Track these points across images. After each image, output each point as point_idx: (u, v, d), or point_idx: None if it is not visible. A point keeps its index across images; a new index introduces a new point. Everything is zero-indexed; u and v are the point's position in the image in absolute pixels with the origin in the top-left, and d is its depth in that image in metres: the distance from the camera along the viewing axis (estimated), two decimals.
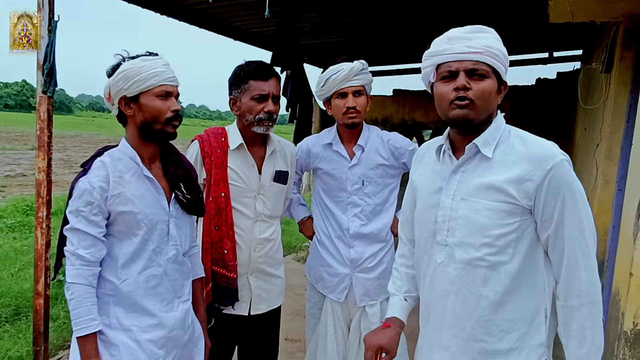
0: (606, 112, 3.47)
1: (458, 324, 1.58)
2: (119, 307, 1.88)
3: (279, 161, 2.49)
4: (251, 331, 2.50)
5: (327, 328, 2.69)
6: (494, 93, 1.52)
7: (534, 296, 1.54)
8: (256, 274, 2.44)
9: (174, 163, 2.05)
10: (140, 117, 1.89)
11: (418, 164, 1.83)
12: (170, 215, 1.98)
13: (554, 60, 6.72)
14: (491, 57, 1.49)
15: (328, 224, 2.71)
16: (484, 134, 1.55)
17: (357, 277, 2.64)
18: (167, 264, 1.96)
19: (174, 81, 1.94)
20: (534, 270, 1.53)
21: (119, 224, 1.87)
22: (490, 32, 1.54)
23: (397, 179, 2.73)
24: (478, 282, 1.53)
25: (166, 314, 1.96)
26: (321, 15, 4.90)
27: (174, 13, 4.87)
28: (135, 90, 1.86)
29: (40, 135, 3.45)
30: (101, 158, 1.89)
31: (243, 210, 2.39)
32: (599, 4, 2.87)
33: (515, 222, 1.49)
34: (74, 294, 1.79)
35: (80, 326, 1.78)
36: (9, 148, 22.96)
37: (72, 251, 1.80)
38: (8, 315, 4.45)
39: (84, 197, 1.80)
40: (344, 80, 2.49)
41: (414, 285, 1.89)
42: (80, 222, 1.80)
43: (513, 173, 1.48)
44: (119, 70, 1.87)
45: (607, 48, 3.50)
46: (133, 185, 1.88)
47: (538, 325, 1.54)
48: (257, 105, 2.30)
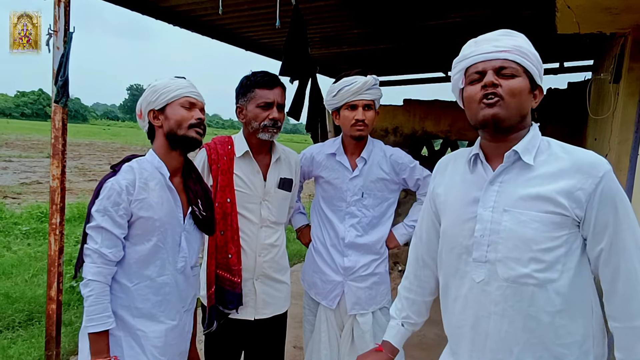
0: (614, 123, 3.47)
1: (504, 347, 1.46)
2: (126, 310, 1.93)
3: (284, 169, 2.54)
4: (257, 336, 2.54)
5: (321, 334, 2.73)
6: (526, 92, 1.45)
7: (583, 318, 1.43)
8: (262, 279, 2.49)
9: (194, 179, 2.15)
10: (167, 126, 2.01)
11: (441, 177, 1.73)
12: (183, 228, 2.05)
13: (565, 70, 6.72)
14: (521, 55, 1.45)
15: (325, 232, 2.75)
16: (524, 140, 1.47)
17: (349, 285, 2.67)
18: (176, 273, 2.02)
19: (199, 96, 2.07)
20: (583, 289, 1.43)
21: (136, 227, 1.94)
22: (519, 36, 1.51)
23: (396, 195, 2.77)
24: (525, 302, 1.42)
25: (172, 322, 2.02)
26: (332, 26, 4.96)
27: (185, 24, 4.94)
28: (162, 101, 2.00)
29: (54, 143, 3.52)
30: (130, 163, 1.99)
31: (248, 216, 2.44)
32: (606, 16, 2.88)
33: (564, 235, 1.40)
34: (93, 291, 1.84)
35: (96, 322, 1.83)
36: (24, 156, 23.23)
37: (95, 249, 1.86)
38: (21, 320, 4.52)
39: (113, 197, 1.88)
40: (356, 93, 2.54)
41: (413, 311, 1.84)
42: (107, 221, 1.87)
43: (562, 182, 1.40)
44: (148, 88, 2.06)
45: (616, 59, 3.51)
46: (156, 193, 1.97)
47: (587, 350, 1.44)
48: (262, 112, 2.36)
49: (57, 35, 3.43)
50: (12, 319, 4.49)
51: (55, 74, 3.41)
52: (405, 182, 2.73)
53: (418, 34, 5.17)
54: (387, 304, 2.74)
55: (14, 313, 4.58)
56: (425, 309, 1.87)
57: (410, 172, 2.69)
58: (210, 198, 2.20)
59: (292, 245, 8.05)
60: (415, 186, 2.75)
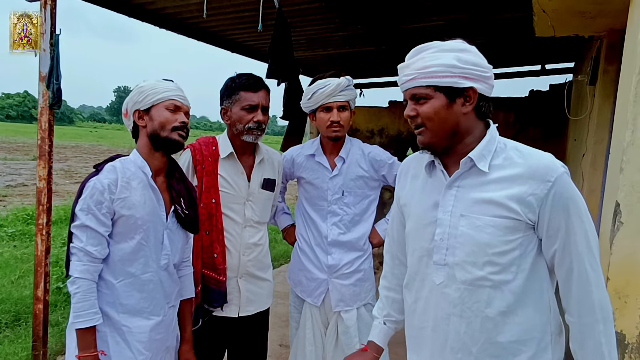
0: (591, 123, 3.57)
1: (463, 348, 1.50)
2: (111, 306, 1.98)
3: (267, 169, 2.60)
4: (241, 332, 2.59)
5: (306, 331, 2.80)
6: (444, 110, 1.47)
7: (540, 316, 1.48)
8: (245, 277, 2.54)
9: (177, 179, 2.19)
10: (151, 127, 2.06)
11: (404, 180, 1.76)
12: (166, 227, 2.10)
13: (547, 72, 6.82)
14: (427, 77, 1.46)
15: (309, 231, 2.81)
16: (479, 146, 1.49)
17: (334, 282, 2.74)
18: (159, 270, 2.07)
19: (184, 100, 2.12)
20: (539, 288, 1.48)
21: (119, 226, 1.98)
22: (429, 49, 1.50)
23: (377, 191, 2.83)
24: (482, 303, 1.46)
25: (156, 317, 2.07)
26: (316, 28, 5.02)
27: (171, 27, 4.98)
28: (148, 102, 2.05)
29: (41, 144, 3.55)
30: (113, 163, 2.03)
31: (232, 216, 2.49)
32: (581, 20, 2.97)
33: (519, 239, 1.43)
34: (79, 288, 1.89)
35: (83, 318, 1.88)
36: (10, 158, 23.07)
37: (81, 247, 1.90)
38: (8, 321, 4.53)
39: (96, 196, 1.92)
40: (330, 95, 2.60)
41: (394, 309, 1.85)
42: (91, 219, 1.91)
43: (514, 187, 1.42)
44: (136, 87, 2.11)
45: (592, 61, 3.61)
46: (138, 192, 2.01)
47: (545, 346, 1.49)
48: (246, 115, 2.41)
49: (43, 37, 3.46)
50: None
51: (47, 76, 3.44)
52: (385, 178, 2.79)
53: (402, 37, 5.24)
54: (372, 300, 2.80)
55: (0, 314, 4.59)
56: None
57: (389, 169, 2.76)
58: (193, 197, 2.25)
59: (279, 245, 8.11)
60: (394, 182, 2.82)
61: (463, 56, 1.46)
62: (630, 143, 1.95)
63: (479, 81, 1.47)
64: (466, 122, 1.50)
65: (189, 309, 2.31)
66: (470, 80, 1.45)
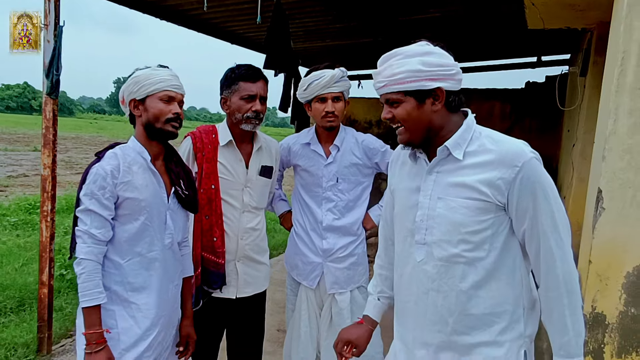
0: (581, 114, 3.65)
1: (441, 320, 1.63)
2: (120, 285, 2.07)
3: (265, 157, 2.69)
4: (239, 313, 2.70)
5: (301, 313, 2.91)
6: (415, 110, 1.58)
7: (513, 290, 1.59)
8: (243, 260, 2.64)
9: (175, 162, 2.28)
10: (145, 117, 2.12)
11: (394, 167, 1.89)
12: (168, 207, 2.19)
13: (543, 64, 6.88)
14: (395, 84, 1.57)
15: (304, 217, 2.92)
16: (455, 136, 1.60)
17: (328, 266, 2.85)
18: (164, 249, 2.17)
19: (179, 89, 2.17)
20: (511, 265, 1.59)
21: (123, 208, 2.07)
22: (396, 56, 1.60)
23: (370, 178, 2.94)
24: (457, 278, 1.58)
25: (162, 295, 2.17)
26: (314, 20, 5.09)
27: (172, 18, 5.05)
28: (143, 93, 2.10)
29: (45, 133, 3.65)
30: (113, 150, 2.11)
31: (231, 202, 2.59)
32: (571, 12, 3.04)
33: (490, 219, 1.54)
34: (85, 269, 1.97)
35: (89, 297, 1.96)
36: (10, 149, 23.12)
37: (85, 230, 1.98)
38: (13, 306, 4.63)
39: (99, 181, 2.00)
40: (325, 86, 2.69)
41: (387, 285, 1.98)
42: (94, 204, 1.99)
43: (485, 172, 1.54)
44: (131, 76, 2.15)
45: (583, 53, 3.69)
46: (139, 176, 2.10)
47: (518, 318, 1.61)
48: (245, 104, 2.50)
49: (47, 29, 3.54)
50: (4, 305, 4.60)
51: (47, 66, 3.52)
52: (377, 166, 2.89)
53: (399, 29, 5.31)
54: (365, 283, 2.91)
55: (5, 299, 4.69)
56: None
57: (382, 156, 2.86)
58: (191, 179, 2.34)
59: (278, 235, 8.20)
60: (387, 169, 2.92)
61: (427, 59, 1.56)
62: (612, 132, 2.02)
63: (445, 80, 1.58)
64: (438, 118, 1.62)
65: (189, 286, 2.41)
66: (437, 81, 1.56)
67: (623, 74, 1.95)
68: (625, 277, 2.02)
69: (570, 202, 3.65)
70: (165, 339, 2.22)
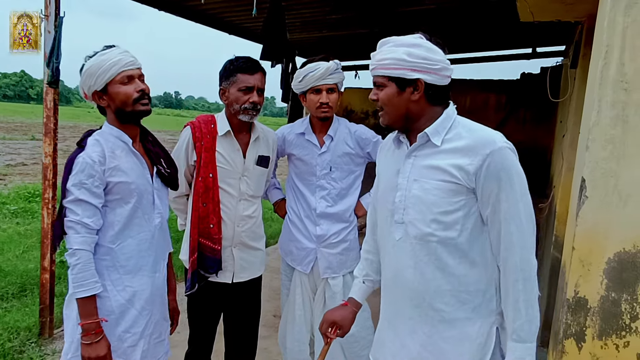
0: (571, 105, 3.72)
1: (418, 295, 1.72)
2: (113, 270, 2.09)
3: (262, 147, 2.77)
4: (235, 297, 2.79)
5: (296, 297, 3.02)
6: (395, 97, 1.70)
7: (485, 270, 1.69)
8: (239, 246, 2.72)
9: (152, 142, 2.30)
10: (113, 105, 2.10)
11: (381, 155, 1.99)
12: (153, 187, 2.22)
13: (538, 55, 6.92)
14: (382, 68, 1.69)
15: (299, 204, 3.01)
16: (434, 124, 1.70)
17: (322, 251, 2.95)
18: (154, 230, 2.21)
19: (134, 64, 2.11)
20: (483, 246, 1.68)
21: (113, 193, 2.07)
22: (388, 43, 1.71)
23: (362, 167, 3.03)
24: (432, 256, 1.68)
25: (154, 274, 2.22)
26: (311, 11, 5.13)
27: (169, 8, 5.09)
28: (101, 83, 2.06)
29: (46, 122, 3.73)
30: (94, 136, 2.10)
31: (229, 190, 2.66)
32: (560, 6, 3.10)
33: (461, 201, 1.64)
34: (80, 259, 1.96)
35: (85, 287, 1.96)
36: (9, 138, 23.13)
37: (78, 220, 1.97)
38: (15, 291, 4.71)
39: (87, 170, 1.99)
40: (320, 78, 2.77)
41: (372, 269, 2.07)
42: (84, 193, 1.98)
43: (457, 157, 1.63)
44: (83, 70, 2.09)
45: (574, 45, 3.75)
46: (124, 159, 2.10)
47: (490, 297, 1.70)
48: (243, 96, 2.56)
49: (48, 20, 3.60)
50: (6, 291, 4.68)
51: (48, 57, 3.58)
52: (369, 155, 2.98)
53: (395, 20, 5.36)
54: None
55: (6, 285, 4.77)
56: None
57: (374, 146, 2.94)
58: (169, 156, 2.38)
59: (275, 224, 8.27)
60: None
61: (413, 51, 1.66)
62: (595, 123, 2.08)
63: (427, 73, 1.67)
64: (417, 107, 1.72)
65: (171, 261, 2.46)
66: (418, 72, 1.66)
67: (606, 67, 2.01)
68: (607, 262, 2.08)
69: (560, 191, 3.73)
70: (160, 316, 2.28)
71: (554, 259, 3.88)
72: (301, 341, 3.03)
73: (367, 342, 2.92)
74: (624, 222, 1.96)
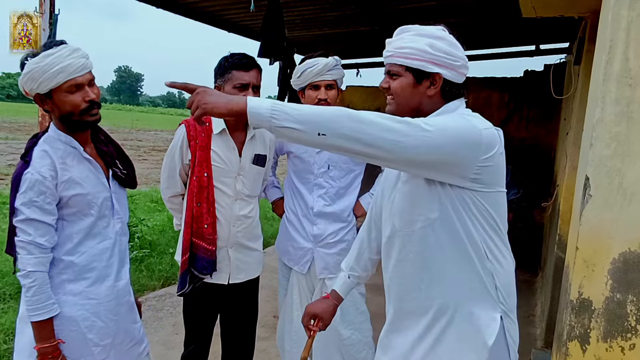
0: (575, 102, 3.67)
1: (414, 287, 1.69)
2: (74, 282, 1.99)
3: (259, 145, 2.71)
4: (232, 299, 2.74)
5: (293, 297, 2.97)
6: (409, 88, 1.63)
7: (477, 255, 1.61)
8: (235, 247, 2.67)
9: (104, 142, 2.15)
10: (58, 112, 1.93)
11: None
12: (111, 192, 2.11)
13: (541, 52, 6.87)
14: (401, 57, 1.61)
15: (296, 203, 2.96)
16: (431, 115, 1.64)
17: (319, 251, 2.89)
18: (115, 236, 2.11)
19: (83, 69, 1.91)
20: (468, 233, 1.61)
21: (70, 206, 1.95)
22: (410, 31, 1.63)
23: (361, 167, 2.97)
24: (420, 245, 1.64)
25: (118, 282, 2.12)
26: (310, 8, 5.08)
27: (167, 6, 5.04)
28: (45, 88, 1.87)
29: (41, 121, 3.67)
30: (41, 147, 1.93)
31: (224, 189, 2.61)
32: (562, 1, 3.06)
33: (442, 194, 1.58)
34: (35, 281, 1.85)
35: (42, 311, 1.86)
36: (12, 138, 23.14)
37: (30, 240, 1.85)
38: (12, 292, 4.68)
39: (36, 187, 1.85)
40: (319, 74, 2.73)
41: (360, 266, 2.05)
42: (35, 212, 1.85)
43: None
44: (24, 71, 1.89)
45: (578, 41, 3.70)
46: (76, 168, 1.97)
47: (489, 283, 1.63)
48: (238, 93, 2.49)
49: (42, 17, 3.55)
50: (3, 292, 4.65)
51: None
52: None
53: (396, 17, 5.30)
54: None
55: (4, 286, 4.74)
56: (371, 265, 2.10)
57: None
58: (124, 154, 2.24)
59: (276, 223, 8.23)
60: None
61: (436, 43, 1.59)
62: (599, 120, 2.03)
63: (447, 68, 1.61)
64: (430, 102, 1.66)
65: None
66: (438, 66, 1.59)
67: (610, 62, 1.96)
68: (612, 263, 2.04)
69: (564, 190, 3.67)
70: (129, 322, 2.20)
71: (557, 259, 3.82)
72: (299, 342, 2.97)
73: (363, 344, 2.88)
74: (628, 221, 1.92)
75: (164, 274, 5.50)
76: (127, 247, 2.24)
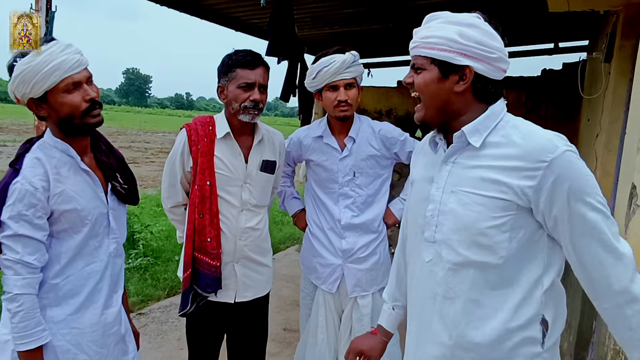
0: (605, 102, 3.44)
1: (444, 330, 1.44)
2: (56, 308, 1.77)
3: (267, 151, 2.49)
4: (239, 318, 2.52)
5: (319, 318, 2.70)
6: (434, 83, 1.41)
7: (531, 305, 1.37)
8: (242, 262, 2.45)
9: (105, 152, 1.96)
10: (55, 116, 1.75)
11: (416, 158, 1.70)
12: (109, 208, 1.90)
13: (560, 50, 6.66)
14: (426, 47, 1.40)
15: (320, 215, 2.71)
16: (475, 121, 1.40)
17: (349, 267, 2.64)
18: (108, 258, 1.89)
19: (79, 66, 1.74)
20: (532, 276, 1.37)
21: (61, 222, 1.76)
22: (438, 18, 1.43)
23: (389, 170, 2.72)
24: (466, 285, 1.39)
25: (107, 310, 1.88)
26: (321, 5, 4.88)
27: (173, 4, 4.87)
28: (40, 91, 1.70)
29: (38, 125, 3.48)
30: (34, 154, 1.75)
31: (229, 199, 2.39)
32: None
33: (509, 220, 1.33)
34: (23, 306, 1.65)
35: (31, 339, 1.67)
36: (19, 140, 23.14)
37: (18, 259, 1.65)
38: None
39: (26, 199, 1.65)
40: (336, 73, 2.48)
41: (401, 292, 1.79)
42: (24, 227, 1.66)
43: (506, 166, 1.33)
44: (14, 74, 1.72)
45: (608, 37, 3.47)
46: (71, 180, 1.78)
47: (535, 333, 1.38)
48: (243, 93, 2.30)
49: (38, 15, 3.37)
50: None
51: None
52: (397, 156, 2.68)
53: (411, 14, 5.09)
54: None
55: None
56: None
57: (402, 146, 2.66)
58: (126, 166, 2.03)
59: (285, 228, 8.04)
60: (408, 159, 2.65)
61: (467, 31, 1.37)
62: None
63: (480, 61, 1.38)
64: (459, 101, 1.43)
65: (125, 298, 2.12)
66: (469, 58, 1.37)
67: None
68: None
69: None
70: (119, 353, 1.96)
71: None
72: None
73: None
74: None
75: (170, 282, 5.30)
76: (122, 270, 2.00)
